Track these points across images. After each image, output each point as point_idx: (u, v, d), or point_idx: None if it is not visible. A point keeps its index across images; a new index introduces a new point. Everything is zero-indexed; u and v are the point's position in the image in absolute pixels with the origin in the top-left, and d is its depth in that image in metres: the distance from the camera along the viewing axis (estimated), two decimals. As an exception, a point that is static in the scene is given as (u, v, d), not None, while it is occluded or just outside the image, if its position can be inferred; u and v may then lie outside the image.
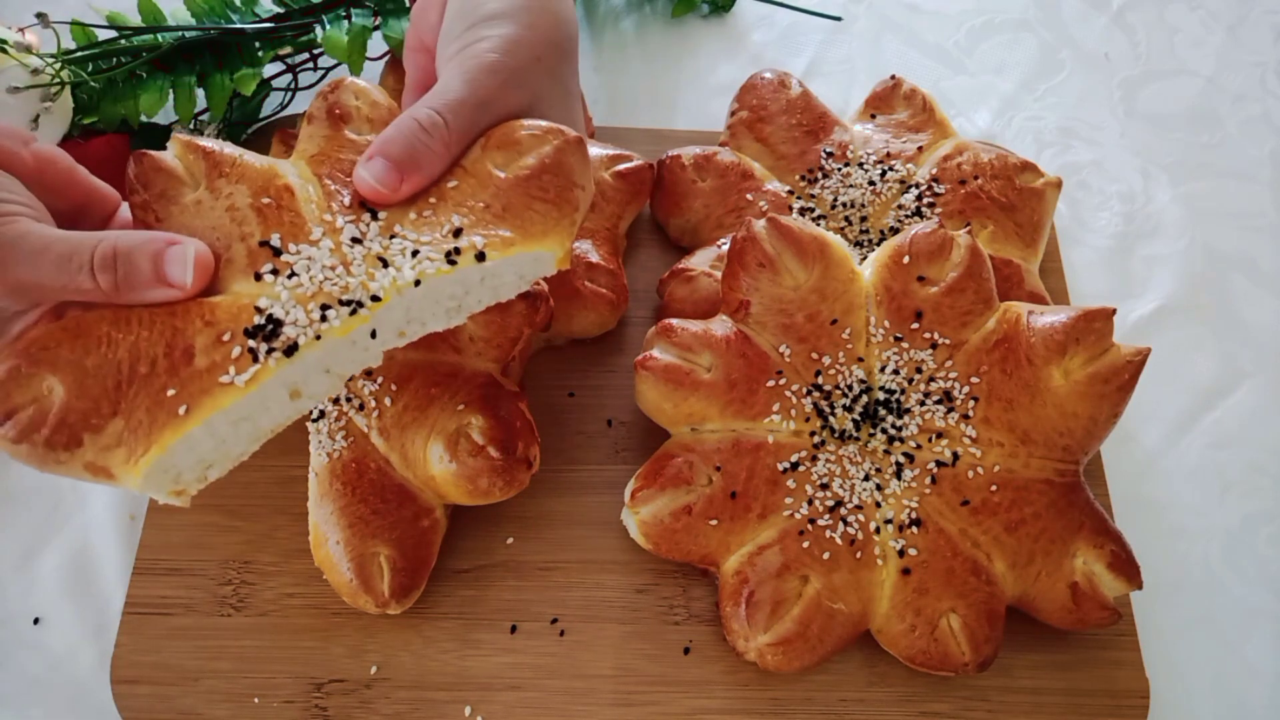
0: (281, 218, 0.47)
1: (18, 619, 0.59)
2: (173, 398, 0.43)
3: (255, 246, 0.46)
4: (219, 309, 0.45)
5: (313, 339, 0.44)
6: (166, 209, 0.47)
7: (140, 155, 0.48)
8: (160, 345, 0.44)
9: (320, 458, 0.56)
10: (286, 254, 0.46)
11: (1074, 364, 0.56)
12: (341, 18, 0.72)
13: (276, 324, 0.44)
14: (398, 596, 0.55)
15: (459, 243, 0.46)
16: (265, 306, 0.44)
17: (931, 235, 0.58)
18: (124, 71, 0.68)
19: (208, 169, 0.48)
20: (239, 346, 0.43)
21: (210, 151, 0.49)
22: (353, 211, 0.48)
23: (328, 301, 0.45)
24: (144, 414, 0.43)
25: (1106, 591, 0.56)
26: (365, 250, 0.47)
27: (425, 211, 0.48)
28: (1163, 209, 0.79)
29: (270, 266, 0.46)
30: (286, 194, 0.48)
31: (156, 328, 0.44)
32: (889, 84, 0.73)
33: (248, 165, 0.49)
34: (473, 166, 0.49)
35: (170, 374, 0.43)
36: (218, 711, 0.55)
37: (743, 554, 0.55)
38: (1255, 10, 0.91)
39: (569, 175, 0.49)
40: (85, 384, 0.43)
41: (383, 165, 0.47)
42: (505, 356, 0.58)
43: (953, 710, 0.57)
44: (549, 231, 0.48)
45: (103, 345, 0.44)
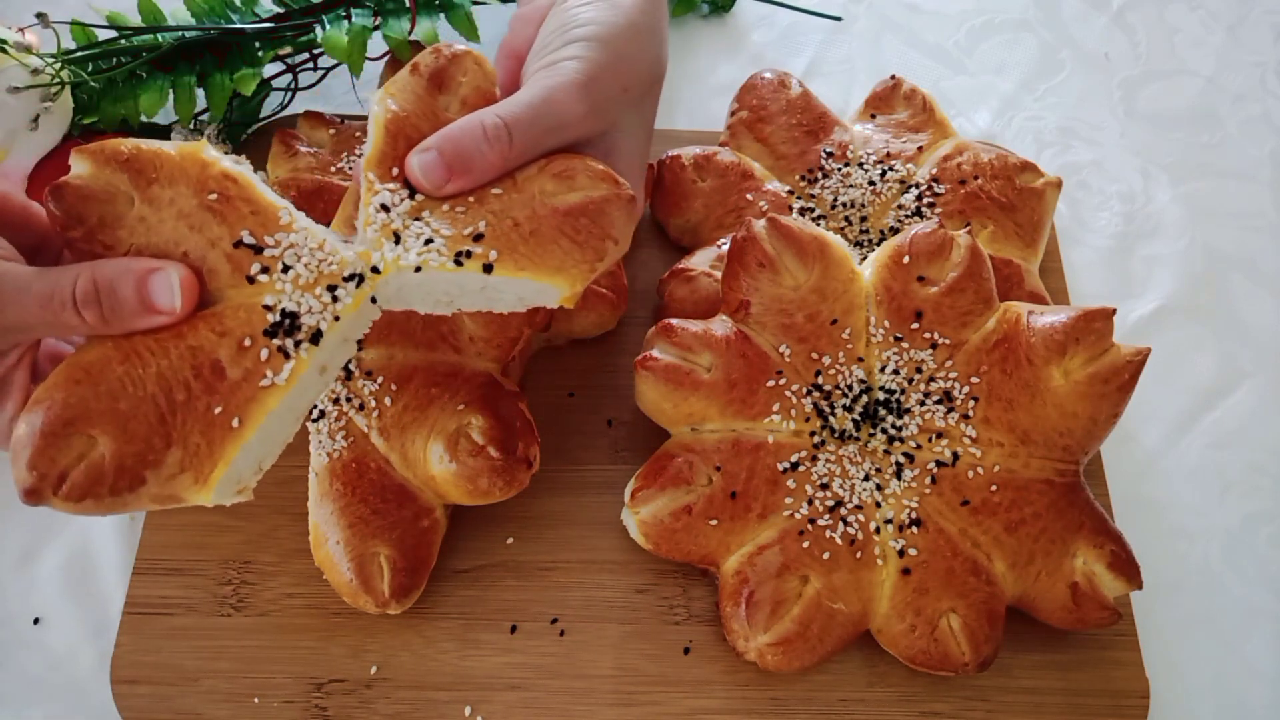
0: (239, 210, 0.45)
1: (18, 619, 0.59)
2: (221, 414, 0.43)
3: (230, 249, 0.45)
4: (226, 318, 0.44)
5: (332, 321, 0.45)
6: (114, 235, 0.45)
7: (56, 189, 0.45)
8: (186, 369, 0.43)
9: (320, 458, 0.56)
10: (268, 249, 0.45)
11: (1074, 364, 0.56)
12: (341, 18, 0.72)
13: (293, 317, 0.45)
14: (398, 596, 0.55)
15: (474, 247, 0.47)
16: (274, 304, 0.45)
17: (931, 235, 0.58)
18: (124, 71, 0.68)
19: (133, 179, 0.45)
20: (265, 349, 0.44)
21: (126, 158, 0.45)
22: (396, 181, 0.48)
23: (333, 282, 0.45)
24: (199, 437, 0.43)
25: (1106, 591, 0.56)
26: (386, 220, 0.47)
27: (459, 207, 0.48)
28: (1163, 209, 0.79)
29: (259, 266, 0.45)
30: (230, 183, 0.46)
31: (173, 354, 0.44)
32: (889, 84, 0.73)
33: (170, 159, 0.46)
34: (524, 183, 0.49)
35: (210, 393, 0.43)
36: (218, 711, 0.55)
37: (743, 554, 0.55)
38: (1255, 10, 0.91)
39: (606, 226, 0.48)
40: (128, 428, 0.43)
41: (435, 160, 0.47)
42: (505, 356, 0.58)
43: (953, 710, 0.57)
44: (563, 269, 0.47)
45: (127, 386, 0.43)
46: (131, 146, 0.46)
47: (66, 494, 0.42)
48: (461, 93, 0.51)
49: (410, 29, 0.72)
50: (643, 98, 0.54)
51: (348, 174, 0.67)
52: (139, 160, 0.46)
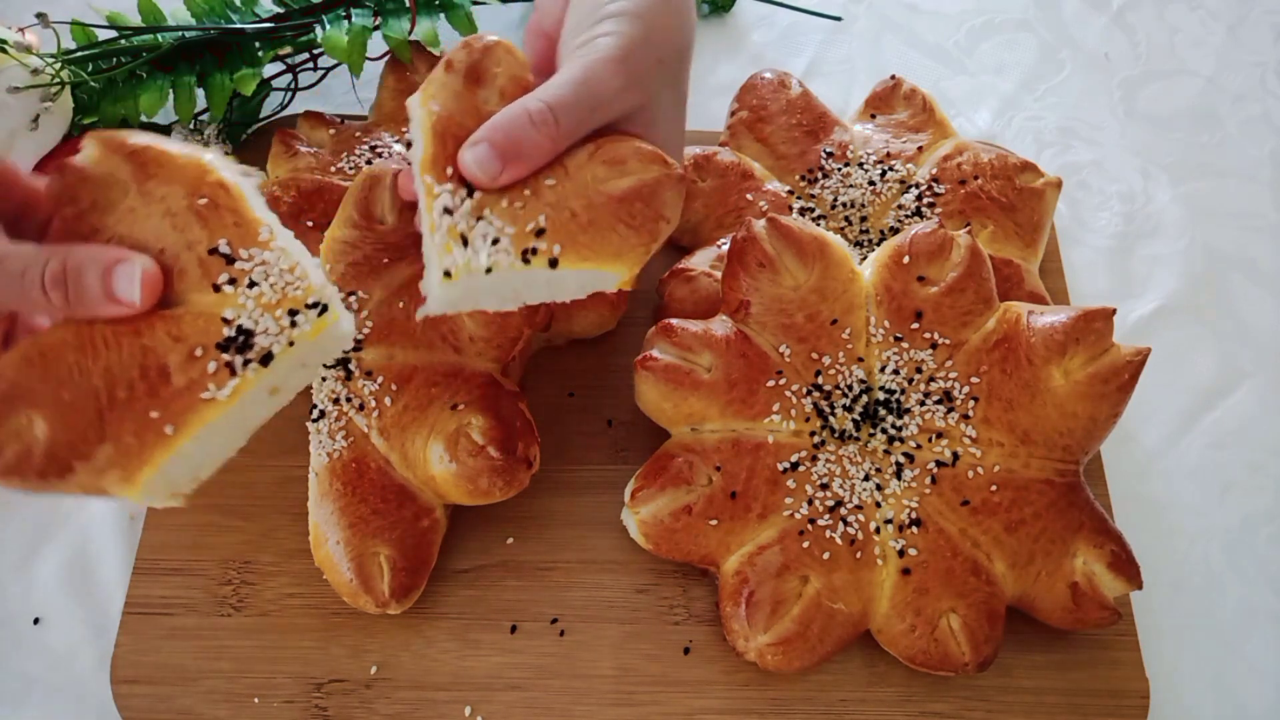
0: (223, 219, 0.45)
1: (18, 619, 0.59)
2: (157, 419, 0.43)
3: (205, 255, 0.45)
4: (184, 323, 0.44)
5: (286, 345, 0.45)
6: (102, 220, 0.46)
7: (61, 168, 0.46)
8: (134, 368, 0.44)
9: (320, 458, 0.56)
10: (240, 261, 0.45)
11: (1074, 364, 0.56)
12: (341, 18, 0.72)
13: (247, 335, 0.44)
14: (398, 596, 0.55)
15: (539, 243, 0.48)
16: (232, 318, 0.44)
17: (931, 235, 0.58)
18: (124, 71, 0.68)
19: (134, 171, 0.46)
20: (214, 361, 0.44)
21: (132, 151, 0.46)
22: (452, 182, 0.48)
23: (295, 306, 0.45)
24: (132, 437, 0.43)
25: (1106, 591, 0.56)
26: (451, 223, 0.47)
27: (517, 203, 0.48)
28: (1163, 209, 0.79)
29: (226, 277, 0.45)
30: (222, 192, 0.46)
31: (125, 350, 0.44)
32: (889, 84, 0.73)
33: (174, 161, 0.46)
34: (575, 171, 0.49)
35: (150, 396, 0.43)
36: (218, 711, 0.55)
37: (743, 554, 0.55)
38: (1255, 10, 0.91)
39: (659, 207, 0.50)
40: (67, 416, 0.43)
41: (487, 151, 0.47)
42: (505, 356, 0.58)
43: (953, 710, 0.57)
44: (623, 255, 0.49)
45: (75, 375, 0.43)
46: (141, 143, 0.47)
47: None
48: (499, 84, 0.51)
49: (410, 29, 0.72)
50: (677, 69, 0.55)
51: (348, 174, 0.67)
52: (144, 155, 0.46)
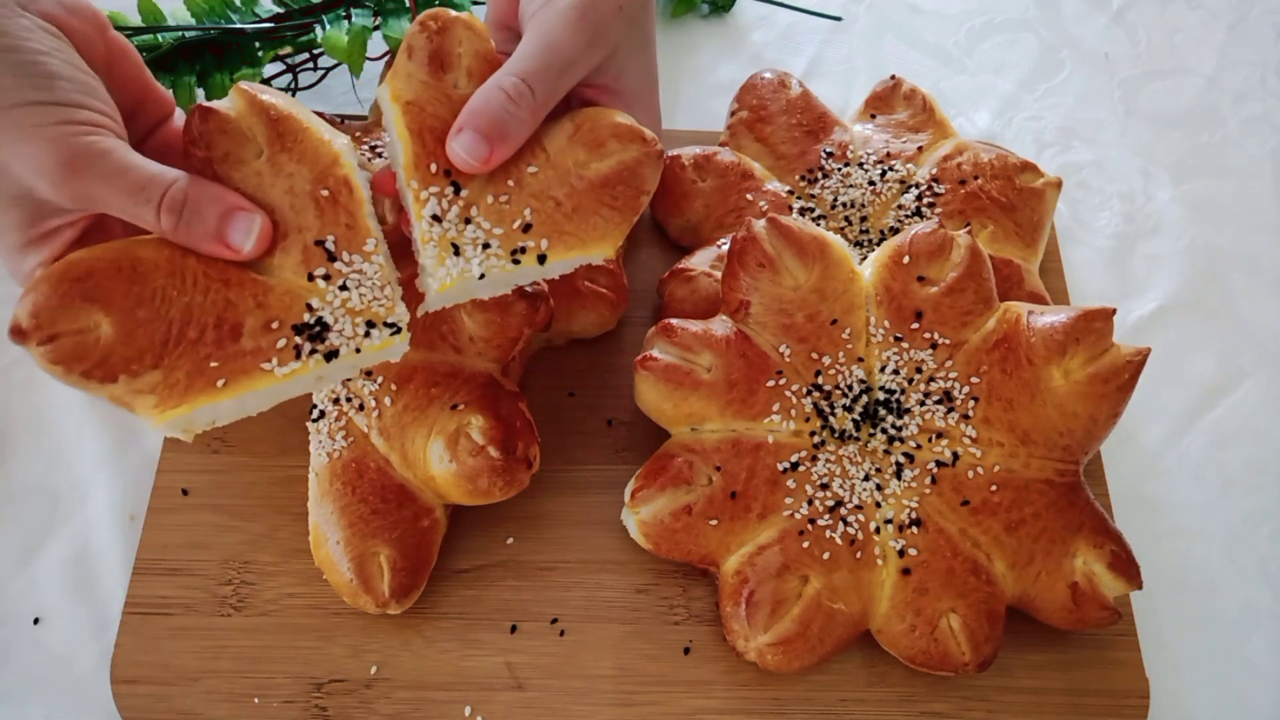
0: (338, 217, 0.47)
1: (18, 619, 0.59)
2: (214, 369, 0.45)
3: (310, 244, 0.47)
4: (272, 294, 0.46)
5: (354, 351, 0.47)
6: (228, 174, 0.47)
7: (206, 111, 0.47)
8: (212, 315, 0.45)
9: (320, 458, 0.56)
10: (340, 262, 0.47)
11: (1074, 364, 0.56)
12: (341, 18, 0.72)
13: (324, 327, 0.47)
14: (398, 596, 0.55)
15: (526, 241, 0.50)
16: (317, 308, 0.47)
17: (931, 235, 0.58)
18: (124, 71, 0.68)
19: (270, 137, 0.47)
20: (285, 339, 0.46)
21: (276, 118, 0.47)
22: (438, 182, 0.49)
23: (374, 320, 0.47)
24: (183, 375, 0.45)
25: (1106, 591, 0.56)
26: (441, 232, 0.49)
27: (502, 196, 0.50)
28: (1163, 209, 0.79)
29: (324, 271, 0.47)
30: (345, 190, 0.48)
31: (211, 295, 0.46)
32: (889, 84, 0.73)
33: (310, 140, 0.48)
34: (556, 156, 0.51)
35: (217, 346, 0.45)
36: (218, 711, 0.55)
37: (743, 554, 0.55)
38: (1255, 10, 0.91)
39: (640, 184, 0.52)
40: (133, 332, 0.44)
41: (473, 138, 0.48)
42: (505, 356, 0.58)
43: (953, 710, 0.57)
44: (607, 236, 0.51)
45: (156, 298, 0.45)
46: (284, 110, 0.48)
47: (48, 353, 0.43)
48: (464, 64, 0.51)
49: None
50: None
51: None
52: (284, 125, 0.48)
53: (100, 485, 0.63)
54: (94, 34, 0.47)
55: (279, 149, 0.47)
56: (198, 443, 0.62)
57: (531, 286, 0.58)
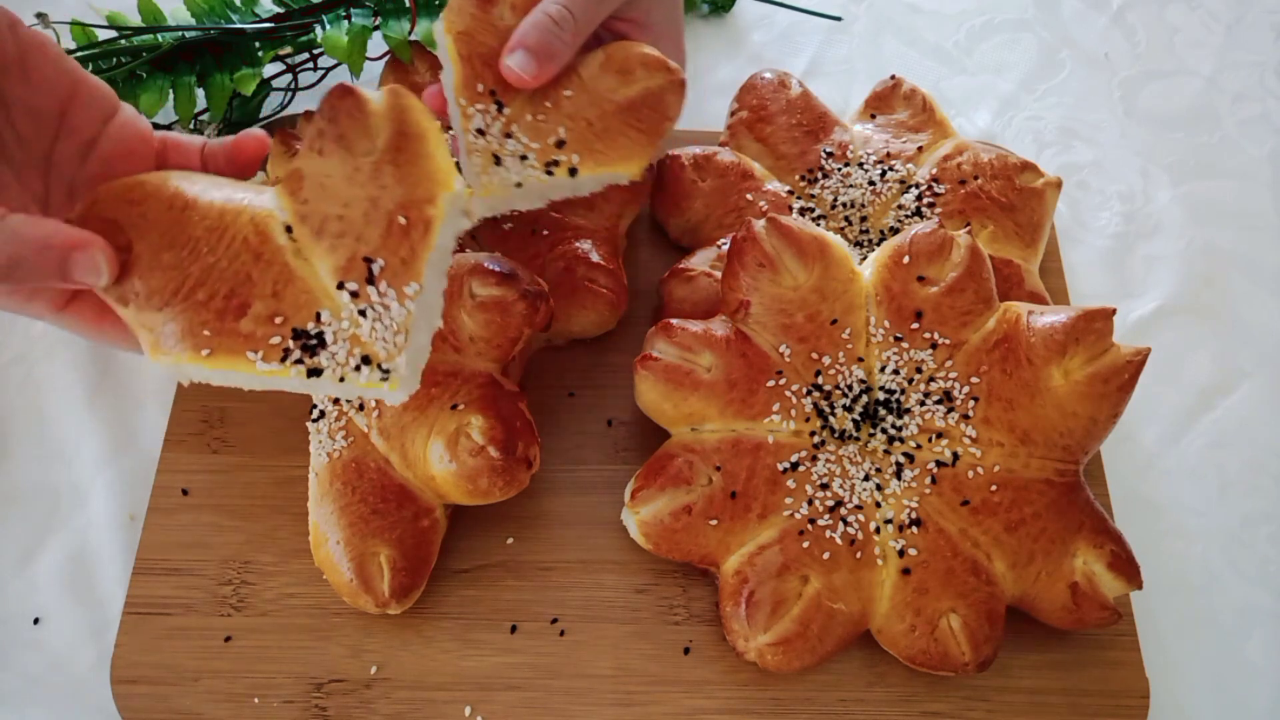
0: (399, 248, 0.46)
1: (18, 619, 0.59)
2: (206, 337, 0.45)
3: (359, 256, 0.46)
4: (292, 287, 0.46)
5: (336, 379, 0.47)
6: (332, 153, 0.46)
7: (347, 90, 0.46)
8: (226, 284, 0.46)
9: (320, 458, 0.56)
10: (374, 289, 0.46)
11: (1074, 364, 0.56)
12: (341, 18, 0.72)
13: (320, 344, 0.46)
14: (398, 596, 0.55)
15: (560, 155, 0.55)
16: (325, 321, 0.46)
17: (931, 235, 0.58)
18: (124, 71, 0.68)
19: (390, 145, 0.47)
20: (280, 337, 0.46)
21: (407, 131, 0.47)
22: (483, 100, 0.55)
23: (371, 357, 0.47)
24: (179, 329, 0.45)
25: (1106, 591, 0.56)
26: (485, 144, 0.54)
27: (540, 116, 0.55)
28: (1163, 209, 0.79)
29: (355, 288, 0.46)
30: (421, 229, 0.46)
31: (236, 263, 0.46)
32: (889, 84, 0.73)
33: (423, 168, 0.47)
34: (589, 81, 0.56)
35: (218, 316, 0.45)
36: (218, 711, 0.55)
37: (743, 554, 0.55)
38: (1255, 10, 0.91)
39: (664, 110, 0.57)
40: (153, 272, 0.45)
41: (524, 55, 0.53)
42: (505, 356, 0.58)
43: (953, 710, 0.57)
44: (633, 156, 0.56)
45: (185, 248, 0.45)
46: (423, 129, 0.47)
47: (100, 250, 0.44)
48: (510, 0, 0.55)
49: (410, 29, 0.72)
50: None
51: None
52: (412, 142, 0.47)
53: (100, 485, 0.63)
54: (1, 32, 0.44)
55: (389, 160, 0.47)
56: (198, 443, 0.62)
57: (532, 286, 0.58)
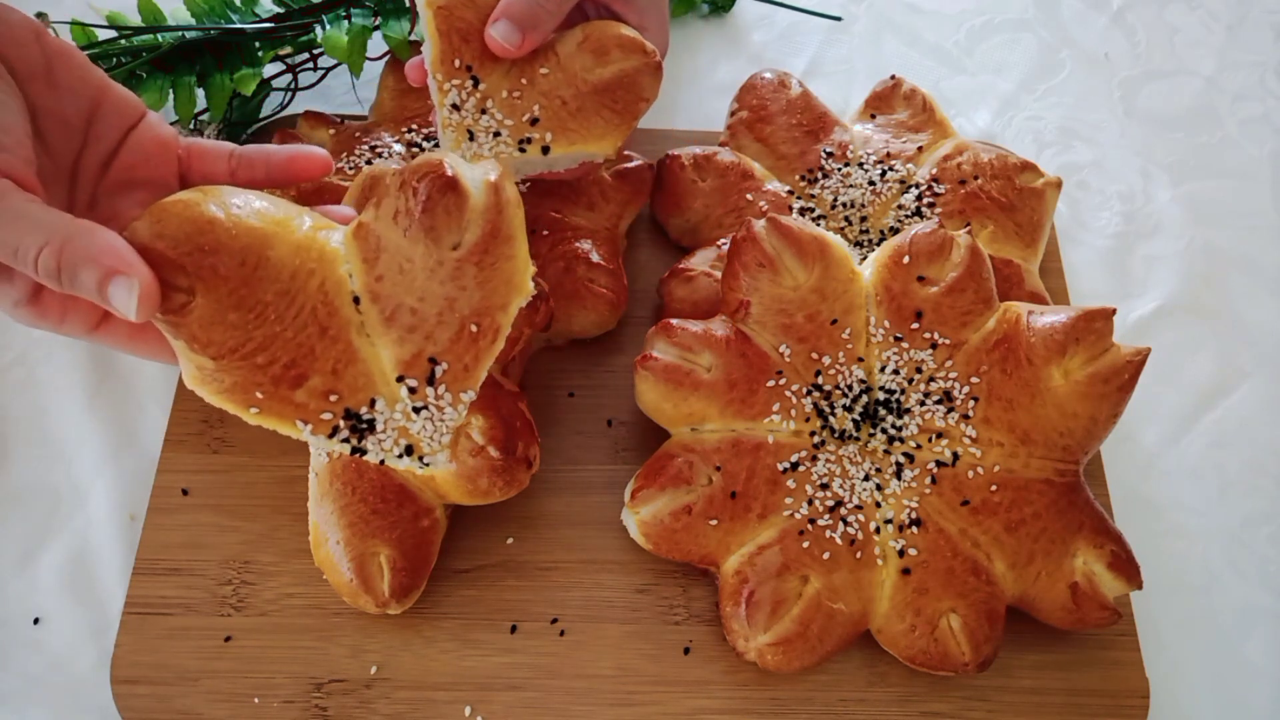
0: (465, 354, 0.47)
1: (18, 619, 0.59)
2: (257, 399, 0.45)
3: (426, 354, 0.46)
4: (352, 369, 0.46)
5: (378, 460, 0.48)
6: (419, 239, 0.45)
7: (450, 183, 0.45)
8: (288, 355, 0.45)
9: (320, 458, 0.56)
10: (433, 389, 0.47)
11: (1074, 364, 0.56)
12: (341, 18, 0.72)
13: (369, 428, 0.47)
14: (398, 596, 0.55)
15: (533, 133, 0.55)
16: (379, 409, 0.47)
17: (931, 235, 0.58)
18: (124, 71, 0.68)
19: (478, 245, 0.46)
20: (332, 414, 0.46)
21: (497, 232, 0.46)
22: (459, 75, 0.55)
23: (414, 448, 0.48)
24: (230, 381, 0.45)
25: (1106, 591, 0.56)
26: (459, 119, 0.55)
27: (515, 93, 0.55)
28: (1163, 209, 0.79)
29: (414, 384, 0.47)
30: (490, 336, 0.47)
31: (301, 335, 0.45)
32: (889, 84, 0.73)
33: (504, 272, 0.46)
34: (566, 60, 0.56)
35: (274, 383, 0.45)
36: (218, 711, 0.55)
37: (743, 554, 0.55)
38: (1255, 10, 0.91)
39: (639, 91, 0.57)
40: (214, 325, 0.44)
41: (508, 25, 0.54)
42: (505, 356, 0.58)
43: (953, 710, 0.57)
44: (606, 135, 0.56)
45: (253, 311, 0.44)
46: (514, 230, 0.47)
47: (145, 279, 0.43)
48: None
49: (410, 29, 0.72)
50: None
51: (348, 174, 0.67)
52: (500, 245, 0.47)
53: (100, 485, 0.63)
54: (27, 40, 0.44)
55: (474, 260, 0.46)
56: (198, 443, 0.62)
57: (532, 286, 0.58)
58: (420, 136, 0.68)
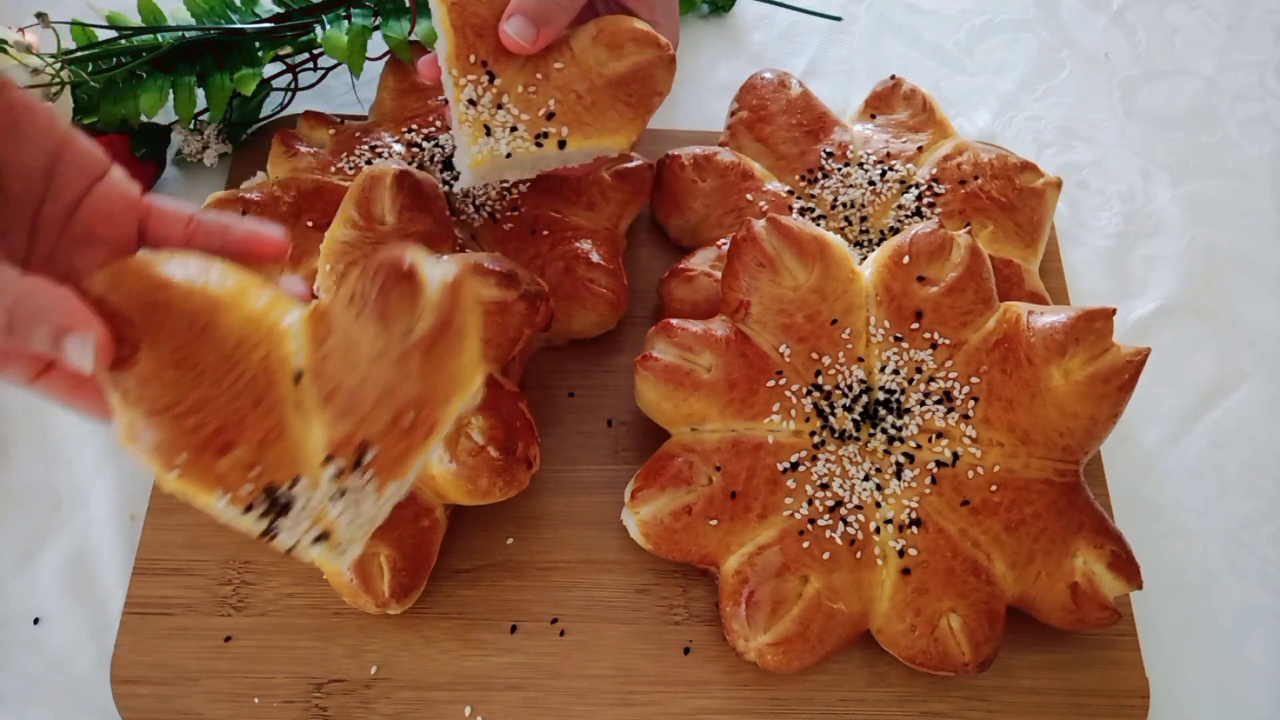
0: (397, 444, 0.44)
1: (18, 619, 0.59)
2: (179, 461, 0.43)
3: (359, 437, 0.43)
4: (279, 446, 0.44)
5: (288, 546, 0.45)
6: (350, 307, 0.44)
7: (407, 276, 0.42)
8: (217, 421, 0.43)
9: (320, 458, 0.56)
10: (361, 475, 0.44)
11: (1074, 364, 0.56)
12: (341, 18, 0.72)
13: (285, 511, 0.44)
14: (398, 596, 0.55)
15: (549, 127, 0.56)
16: (299, 488, 0.44)
17: (931, 235, 0.58)
18: (124, 71, 0.68)
19: (432, 329, 0.43)
20: (251, 486, 0.43)
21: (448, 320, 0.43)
22: (475, 71, 0.55)
23: (329, 535, 0.45)
24: (154, 440, 0.43)
25: (1106, 591, 0.56)
26: (476, 114, 0.55)
27: (530, 87, 0.55)
28: (1163, 209, 0.79)
29: (340, 468, 0.44)
30: (424, 431, 0.44)
31: (234, 404, 0.43)
32: (889, 84, 0.73)
33: (455, 360, 0.44)
34: (580, 54, 0.56)
35: (198, 449, 0.43)
36: (218, 711, 0.55)
37: (743, 554, 0.55)
38: (1255, 10, 0.91)
39: (652, 85, 0.57)
40: (150, 381, 0.43)
41: (522, 22, 0.53)
42: (505, 356, 0.58)
43: (953, 710, 0.57)
44: (621, 129, 0.57)
45: (190, 373, 0.43)
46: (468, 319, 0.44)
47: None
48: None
49: (410, 29, 0.72)
50: None
51: (348, 174, 0.67)
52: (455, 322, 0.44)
53: (100, 486, 0.63)
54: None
55: (422, 349, 0.43)
56: (197, 443, 0.62)
57: (532, 286, 0.58)
58: (420, 136, 0.68)
